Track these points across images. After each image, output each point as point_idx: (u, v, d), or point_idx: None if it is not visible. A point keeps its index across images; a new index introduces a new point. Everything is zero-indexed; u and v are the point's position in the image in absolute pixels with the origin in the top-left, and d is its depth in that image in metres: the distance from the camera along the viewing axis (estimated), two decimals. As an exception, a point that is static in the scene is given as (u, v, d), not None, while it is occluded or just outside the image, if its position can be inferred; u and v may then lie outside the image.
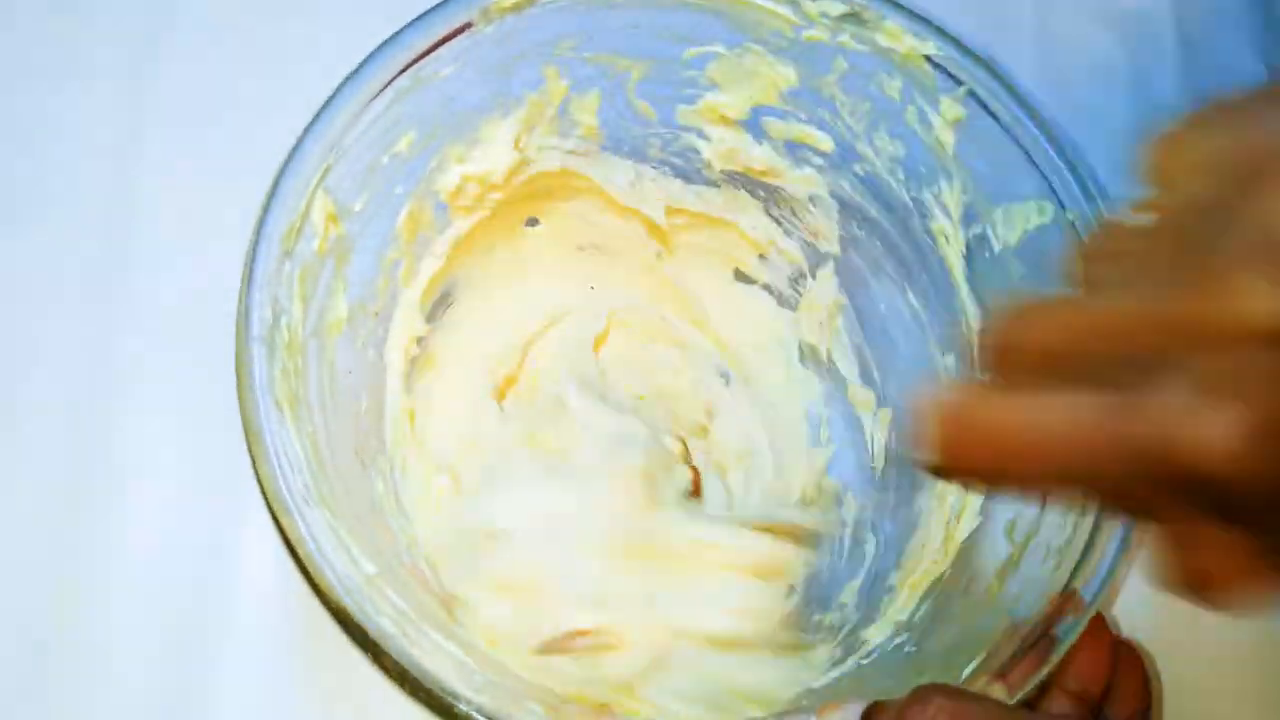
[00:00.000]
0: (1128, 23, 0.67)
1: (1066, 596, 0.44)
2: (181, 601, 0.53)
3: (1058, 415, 0.28)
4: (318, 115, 0.47)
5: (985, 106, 0.50)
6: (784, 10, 0.51)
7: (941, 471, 0.32)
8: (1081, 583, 0.44)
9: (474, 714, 0.38)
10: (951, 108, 0.51)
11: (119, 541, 0.53)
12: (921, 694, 0.40)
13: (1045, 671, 0.42)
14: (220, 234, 0.54)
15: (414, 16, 0.49)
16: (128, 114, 0.62)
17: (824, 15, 0.51)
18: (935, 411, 0.30)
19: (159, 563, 0.53)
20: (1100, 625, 0.46)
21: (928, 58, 0.51)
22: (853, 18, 0.51)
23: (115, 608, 0.52)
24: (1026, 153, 0.50)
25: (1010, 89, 0.50)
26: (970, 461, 0.31)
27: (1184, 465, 0.26)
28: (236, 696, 0.52)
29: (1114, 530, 0.44)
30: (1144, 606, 0.54)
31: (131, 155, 0.61)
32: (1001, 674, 0.42)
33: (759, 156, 0.57)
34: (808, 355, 0.61)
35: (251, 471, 0.42)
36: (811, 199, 0.58)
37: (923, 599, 0.51)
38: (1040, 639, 0.43)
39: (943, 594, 0.50)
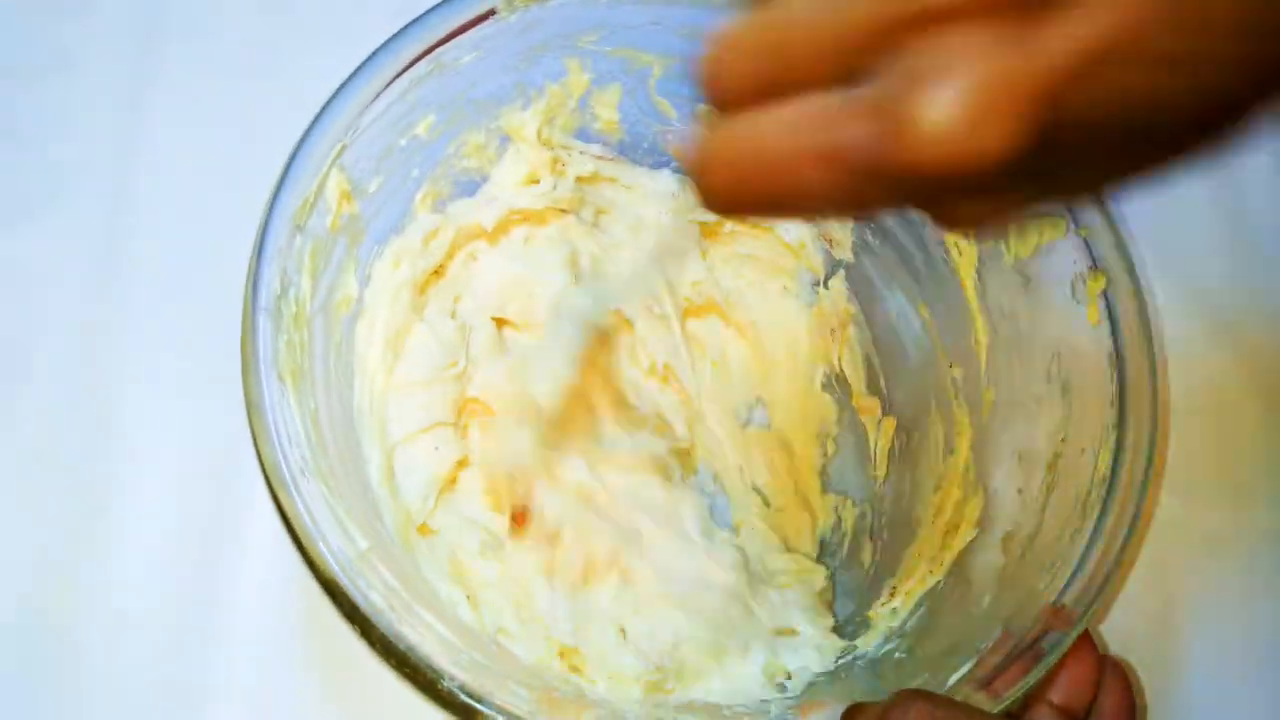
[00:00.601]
0: None
1: (1057, 611, 0.43)
2: (181, 598, 0.53)
3: (775, 132, 0.26)
4: (335, 95, 0.47)
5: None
6: (807, 13, 0.51)
7: (712, 208, 0.29)
8: (1072, 598, 0.43)
9: (456, 691, 0.38)
10: (970, 117, 0.51)
11: (119, 538, 0.54)
12: (903, 699, 0.40)
13: (1029, 683, 0.42)
14: (219, 233, 0.55)
15: (423, 8, 0.49)
16: (128, 112, 0.62)
17: (846, 19, 0.51)
18: (686, 154, 0.28)
19: (159, 559, 0.53)
20: (1087, 640, 0.46)
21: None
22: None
23: (115, 602, 0.53)
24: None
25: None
26: (722, 193, 0.28)
27: (907, 165, 0.24)
28: (237, 690, 0.52)
29: (1109, 548, 0.44)
30: (1131, 623, 0.53)
31: (132, 153, 0.61)
32: (986, 683, 0.42)
33: (776, 159, 0.57)
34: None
35: (251, 452, 0.42)
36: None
37: (916, 607, 0.51)
38: (1027, 651, 0.43)
39: (936, 603, 0.50)
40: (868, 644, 0.51)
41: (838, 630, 0.53)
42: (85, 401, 0.56)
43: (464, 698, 0.38)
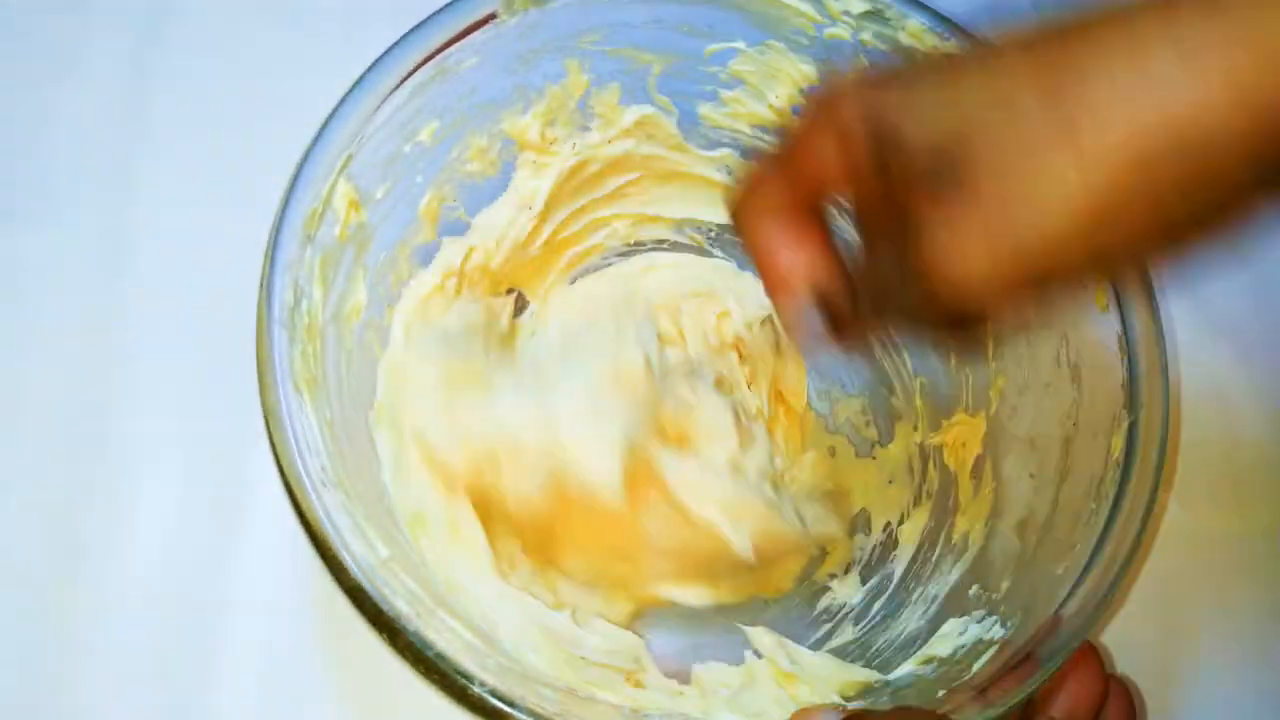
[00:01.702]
0: None
1: (1054, 621, 0.43)
2: (182, 598, 0.53)
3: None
4: (341, 104, 0.47)
5: (1004, 107, 0.50)
6: (806, 8, 0.51)
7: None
8: (1092, 583, 0.43)
9: (487, 696, 0.38)
10: (971, 108, 0.51)
11: (120, 539, 0.54)
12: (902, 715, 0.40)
13: (1023, 693, 0.41)
14: (220, 234, 0.54)
15: (429, 11, 0.49)
16: (130, 113, 0.62)
17: (846, 13, 0.51)
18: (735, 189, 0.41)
19: (160, 560, 0.53)
20: (1093, 657, 0.46)
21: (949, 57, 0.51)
22: (875, 16, 0.51)
23: (116, 603, 0.53)
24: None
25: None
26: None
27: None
28: (239, 692, 0.52)
29: (1125, 531, 0.44)
30: (1134, 642, 0.53)
31: (133, 154, 0.61)
32: (980, 690, 0.41)
33: (777, 153, 0.58)
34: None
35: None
36: (829, 197, 0.58)
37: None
38: (1024, 660, 0.42)
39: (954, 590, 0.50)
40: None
41: None
42: (86, 403, 0.56)
43: (495, 702, 0.38)
